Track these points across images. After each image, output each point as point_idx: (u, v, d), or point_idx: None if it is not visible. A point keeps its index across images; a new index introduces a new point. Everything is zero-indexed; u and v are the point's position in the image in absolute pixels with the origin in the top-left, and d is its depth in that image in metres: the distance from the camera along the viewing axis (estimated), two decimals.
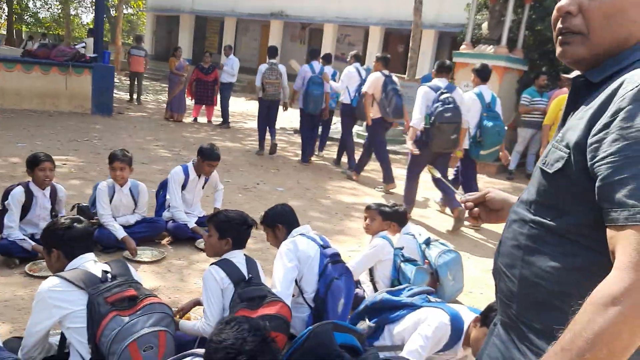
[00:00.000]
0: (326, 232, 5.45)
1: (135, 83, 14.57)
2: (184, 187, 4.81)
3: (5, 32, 29.96)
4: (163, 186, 4.96)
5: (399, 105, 7.07)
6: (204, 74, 11.93)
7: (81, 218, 2.62)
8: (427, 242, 3.99)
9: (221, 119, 12.25)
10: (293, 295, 3.10)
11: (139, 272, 3.96)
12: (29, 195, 3.99)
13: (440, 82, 5.74)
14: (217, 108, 12.46)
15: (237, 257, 2.93)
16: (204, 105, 12.32)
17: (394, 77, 7.42)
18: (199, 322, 2.77)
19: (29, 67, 10.71)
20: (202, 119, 12.59)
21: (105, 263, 2.55)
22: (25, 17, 31.06)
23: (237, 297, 2.71)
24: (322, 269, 3.12)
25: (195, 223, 4.74)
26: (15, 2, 28.50)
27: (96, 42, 12.01)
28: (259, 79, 8.83)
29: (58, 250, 2.49)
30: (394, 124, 8.24)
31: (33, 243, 3.86)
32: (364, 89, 7.36)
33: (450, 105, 5.48)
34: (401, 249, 3.85)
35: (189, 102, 12.61)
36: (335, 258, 3.23)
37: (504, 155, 6.25)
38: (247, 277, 2.82)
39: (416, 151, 5.70)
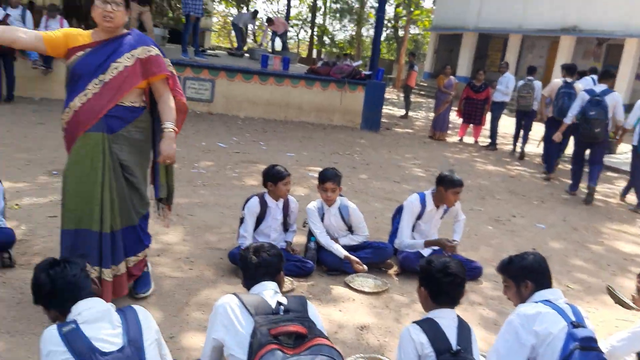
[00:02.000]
0: (589, 289, 4.35)
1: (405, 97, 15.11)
2: (419, 216, 4.33)
3: (301, 52, 33.93)
4: (399, 211, 4.56)
5: (563, 107, 7.99)
6: (474, 92, 11.29)
7: (265, 245, 2.42)
8: None
9: (489, 140, 11.43)
10: None
11: (355, 303, 3.65)
12: (264, 207, 4.03)
13: (599, 87, 7.23)
14: (486, 128, 11.68)
15: (446, 319, 2.33)
16: (471, 125, 11.69)
17: (576, 84, 8.28)
18: None
19: (310, 83, 11.61)
20: (469, 139, 11.95)
21: (284, 296, 2.28)
22: (324, 39, 34.66)
23: None
24: (565, 354, 2.28)
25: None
26: (316, 26, 32.07)
27: (372, 60, 12.41)
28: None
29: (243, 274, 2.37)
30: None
31: None
32: (542, 92, 9.23)
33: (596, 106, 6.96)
34: None
35: (457, 120, 12.13)
36: (589, 343, 2.33)
37: None
38: (455, 349, 2.21)
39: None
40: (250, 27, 13.66)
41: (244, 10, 16.76)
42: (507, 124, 13.20)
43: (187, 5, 10.97)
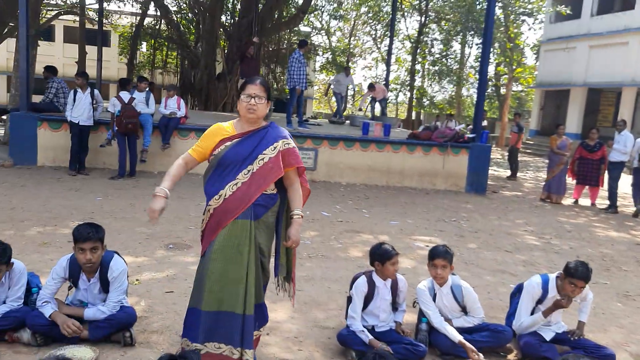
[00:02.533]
0: None
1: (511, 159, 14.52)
2: (540, 301, 4.01)
3: (399, 114, 34.14)
4: (519, 289, 4.27)
5: None
6: (588, 152, 10.67)
7: None
8: None
9: (607, 203, 10.62)
10: None
11: None
12: (372, 287, 3.94)
13: None
14: (604, 189, 10.90)
15: None
16: (586, 187, 10.96)
17: None
18: None
19: (412, 148, 11.56)
20: (585, 201, 11.19)
21: None
22: (423, 101, 34.72)
23: None
24: None
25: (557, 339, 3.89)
26: (415, 89, 32.31)
27: (475, 122, 12.18)
28: None
29: None
30: None
31: (371, 337, 3.75)
32: None
33: None
34: None
35: (570, 182, 11.45)
36: None
37: None
38: None
39: None
40: (350, 87, 14.06)
41: (340, 75, 17.09)
42: (626, 183, 12.25)
43: (292, 79, 11.52)
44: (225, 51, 23.12)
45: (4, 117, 14.99)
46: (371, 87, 16.36)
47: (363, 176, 11.49)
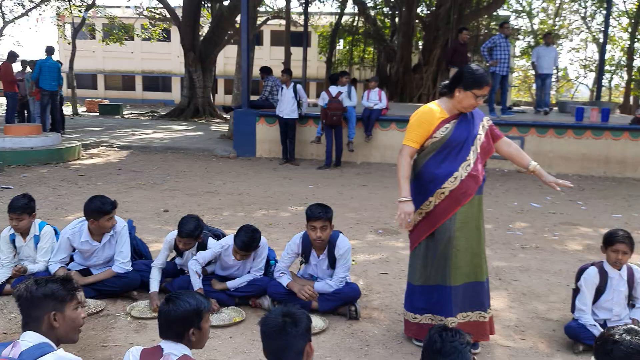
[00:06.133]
0: None
1: None
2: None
3: (622, 100, 30.48)
4: None
5: None
6: None
7: None
8: None
9: None
10: None
11: None
12: (604, 277, 3.63)
13: None
14: None
15: None
16: None
17: None
18: None
19: (636, 135, 10.32)
20: None
21: None
22: None
23: None
24: None
25: None
26: (635, 70, 28.64)
27: None
28: None
29: None
30: None
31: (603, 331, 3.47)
32: None
33: None
34: None
35: None
36: None
37: None
38: None
39: None
40: (554, 65, 12.70)
41: (540, 47, 13.44)
42: None
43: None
44: (421, 42, 23.09)
45: (228, 115, 16.90)
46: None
47: (576, 166, 10.56)
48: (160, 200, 7.58)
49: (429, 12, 23.19)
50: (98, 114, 23.97)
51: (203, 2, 19.94)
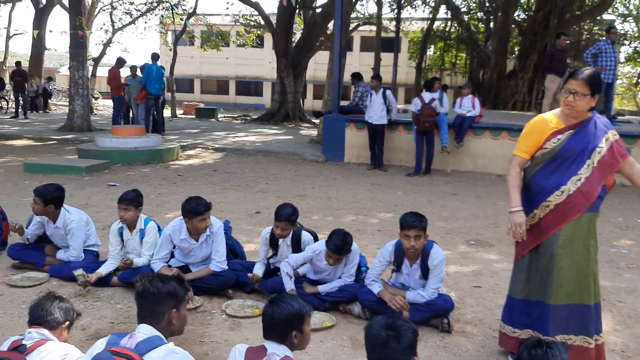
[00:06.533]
0: None
1: None
2: None
3: None
4: None
5: None
6: None
7: None
8: None
9: None
10: None
11: None
12: None
13: None
14: None
15: None
16: None
17: None
18: None
19: None
20: None
21: None
22: None
23: None
24: None
25: None
26: None
27: None
28: None
29: None
30: None
31: None
32: None
33: None
34: None
35: None
36: None
37: None
38: None
39: None
40: None
41: None
42: None
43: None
44: (517, 48, 22.29)
45: (317, 120, 17.15)
46: None
47: None
48: (253, 202, 7.81)
49: (526, 16, 22.33)
50: (194, 116, 25.13)
51: (297, 10, 20.37)
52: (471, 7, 25.84)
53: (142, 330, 2.26)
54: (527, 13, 22.53)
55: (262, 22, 23.34)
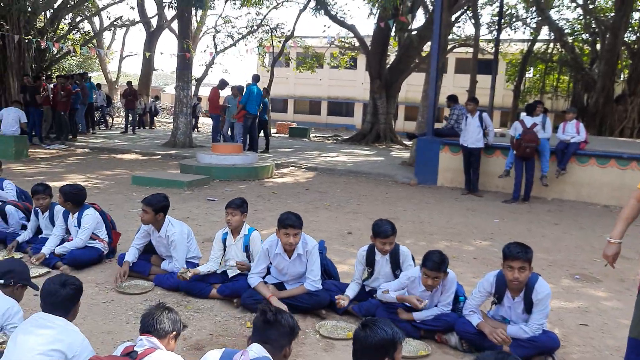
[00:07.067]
0: None
1: None
2: None
3: None
4: None
5: None
6: None
7: None
8: None
9: None
10: None
11: None
12: None
13: None
14: None
15: None
16: None
17: None
18: None
19: None
20: None
21: None
22: None
23: None
24: None
25: None
26: None
27: None
28: None
29: None
30: None
31: None
32: None
33: None
34: None
35: None
36: None
37: None
38: None
39: None
40: None
41: None
42: None
43: None
44: (627, 71, 20.99)
45: (410, 142, 16.98)
46: None
47: None
48: (344, 222, 7.83)
49: (636, 38, 21.00)
50: (287, 135, 25.74)
51: (393, 32, 20.43)
52: (575, 29, 24.68)
53: (254, 349, 2.33)
54: (638, 34, 21.18)
55: (357, 44, 23.60)
